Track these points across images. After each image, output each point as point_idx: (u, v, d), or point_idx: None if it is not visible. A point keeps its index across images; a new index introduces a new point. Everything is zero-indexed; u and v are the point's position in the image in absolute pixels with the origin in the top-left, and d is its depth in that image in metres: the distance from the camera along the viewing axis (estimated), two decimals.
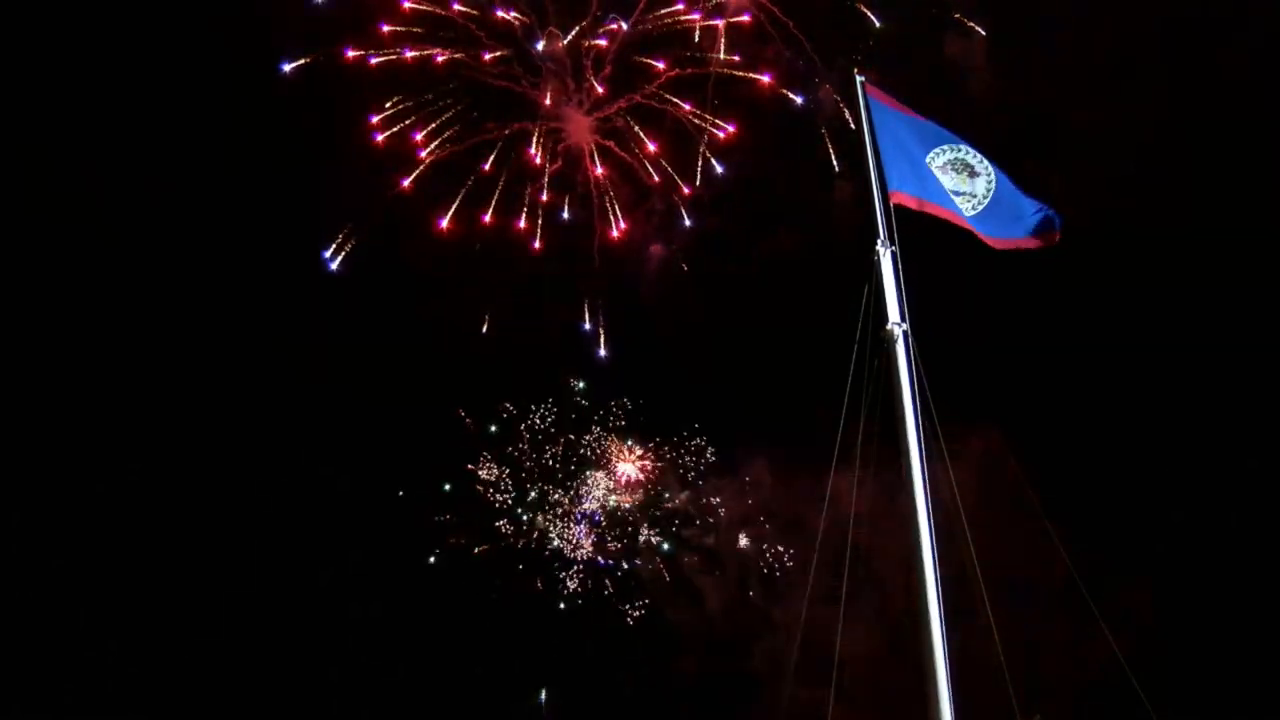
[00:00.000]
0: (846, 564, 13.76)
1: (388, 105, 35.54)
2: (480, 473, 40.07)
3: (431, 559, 39.05)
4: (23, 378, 33.41)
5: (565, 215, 37.59)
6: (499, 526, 39.77)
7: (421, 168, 36.20)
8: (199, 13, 33.46)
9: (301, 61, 34.13)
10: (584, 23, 35.21)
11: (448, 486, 40.05)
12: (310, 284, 36.78)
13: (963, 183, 14.67)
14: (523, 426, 40.52)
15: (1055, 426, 28.08)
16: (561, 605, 38.75)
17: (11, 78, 31.75)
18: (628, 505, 40.17)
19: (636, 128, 36.67)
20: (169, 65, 33.63)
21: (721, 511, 39.79)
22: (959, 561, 13.67)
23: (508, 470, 40.39)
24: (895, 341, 13.70)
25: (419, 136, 35.94)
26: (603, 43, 35.44)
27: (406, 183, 36.10)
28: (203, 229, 35.38)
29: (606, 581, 39.18)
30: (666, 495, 40.31)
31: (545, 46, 35.01)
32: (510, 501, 40.20)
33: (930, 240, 14.85)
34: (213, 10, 33.66)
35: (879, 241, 14.16)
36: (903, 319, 13.81)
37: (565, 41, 35.18)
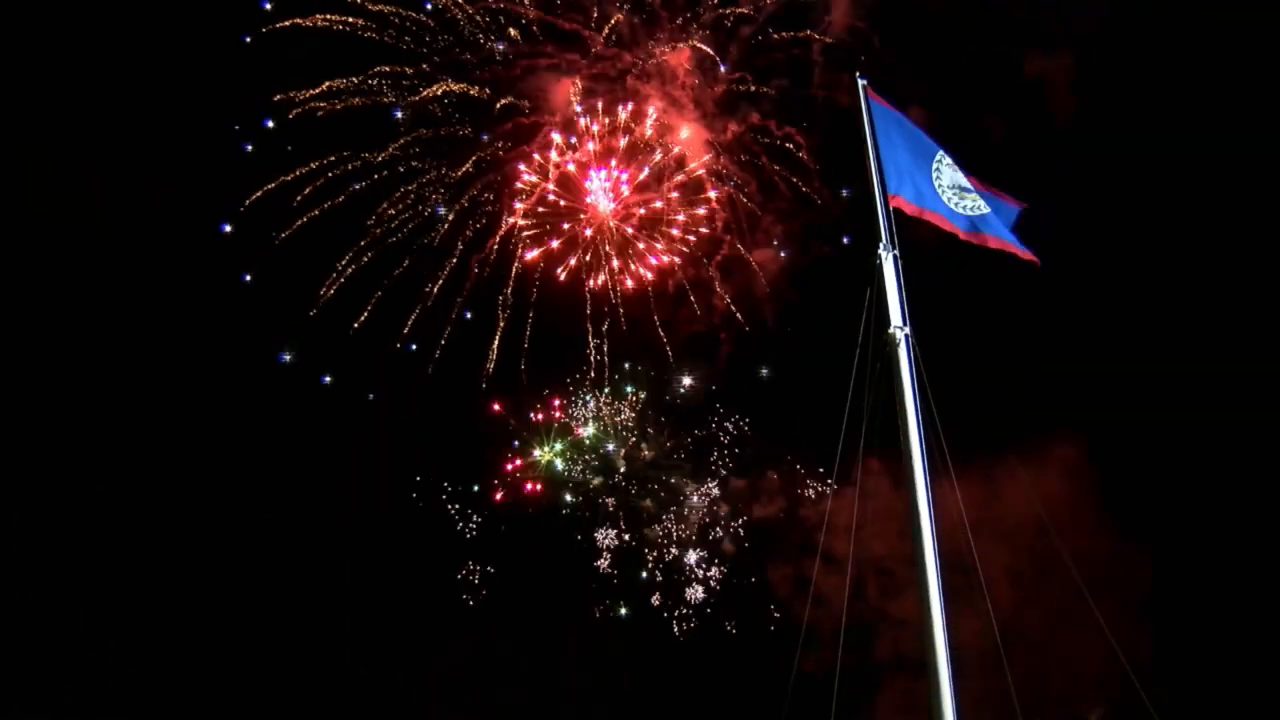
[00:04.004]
0: (849, 570, 13.84)
1: None
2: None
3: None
4: (25, 378, 33.38)
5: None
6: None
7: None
8: None
9: None
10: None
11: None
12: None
13: (954, 199, 14.77)
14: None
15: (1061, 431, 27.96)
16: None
17: None
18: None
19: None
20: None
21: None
22: (965, 565, 13.78)
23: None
24: (897, 345, 13.80)
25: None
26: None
27: None
28: (204, 235, 35.47)
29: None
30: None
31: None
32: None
33: (933, 244, 14.95)
34: None
35: (880, 245, 14.24)
36: (905, 322, 13.91)
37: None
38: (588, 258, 37.15)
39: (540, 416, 39.56)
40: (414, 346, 36.87)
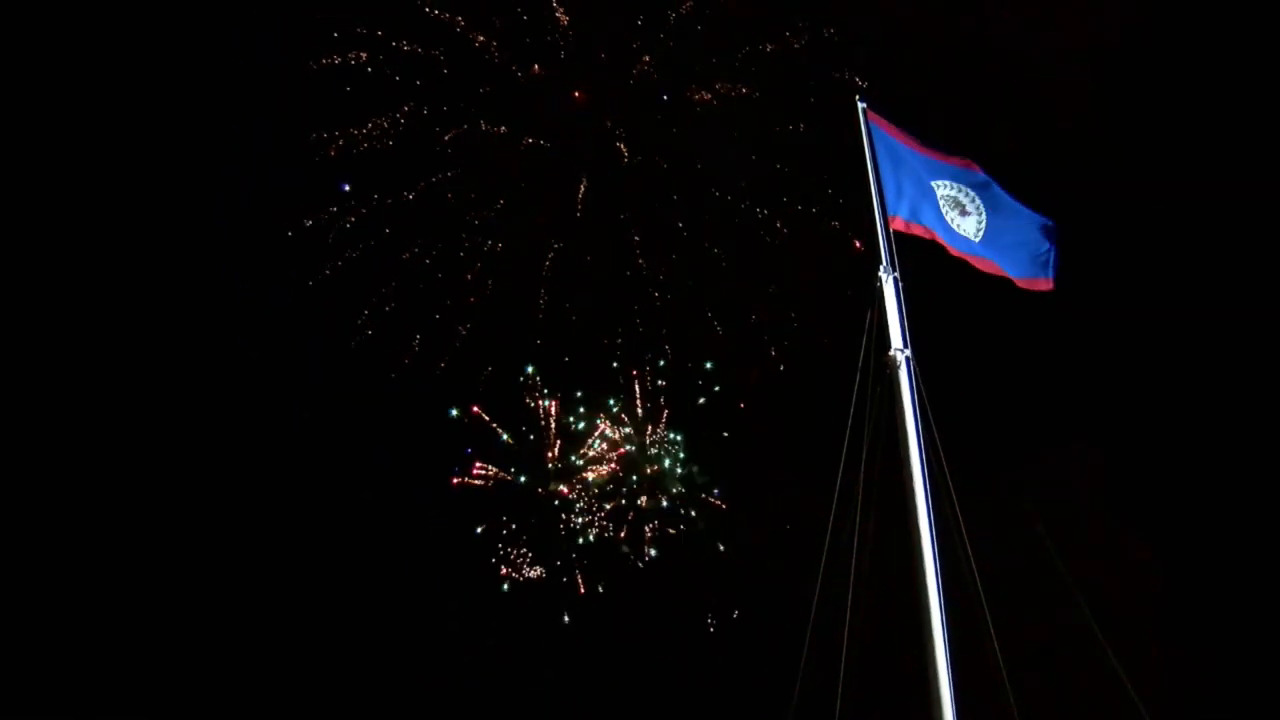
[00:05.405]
0: (850, 589, 13.83)
1: None
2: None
3: None
4: (30, 377, 33.40)
5: None
6: None
7: None
8: None
9: None
10: None
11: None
12: None
13: (954, 220, 14.74)
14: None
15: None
16: None
17: None
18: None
19: None
20: None
21: None
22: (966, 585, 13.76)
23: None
24: (898, 367, 13.79)
25: None
26: None
27: None
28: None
29: None
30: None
31: None
32: None
33: (934, 265, 14.91)
34: None
35: (881, 267, 14.23)
36: (905, 345, 13.90)
37: None
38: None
39: None
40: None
